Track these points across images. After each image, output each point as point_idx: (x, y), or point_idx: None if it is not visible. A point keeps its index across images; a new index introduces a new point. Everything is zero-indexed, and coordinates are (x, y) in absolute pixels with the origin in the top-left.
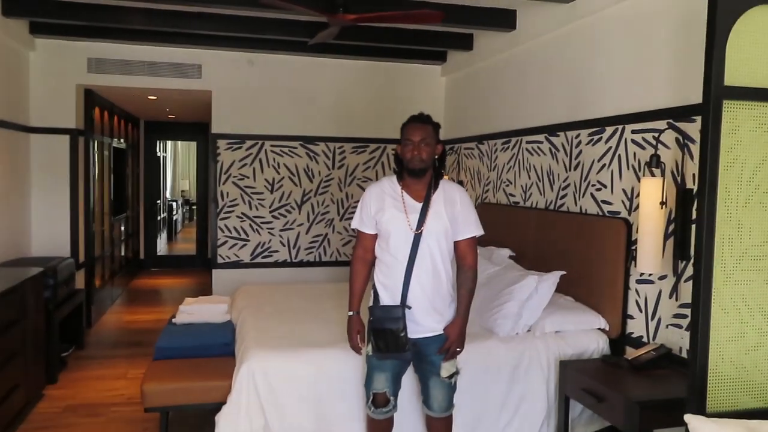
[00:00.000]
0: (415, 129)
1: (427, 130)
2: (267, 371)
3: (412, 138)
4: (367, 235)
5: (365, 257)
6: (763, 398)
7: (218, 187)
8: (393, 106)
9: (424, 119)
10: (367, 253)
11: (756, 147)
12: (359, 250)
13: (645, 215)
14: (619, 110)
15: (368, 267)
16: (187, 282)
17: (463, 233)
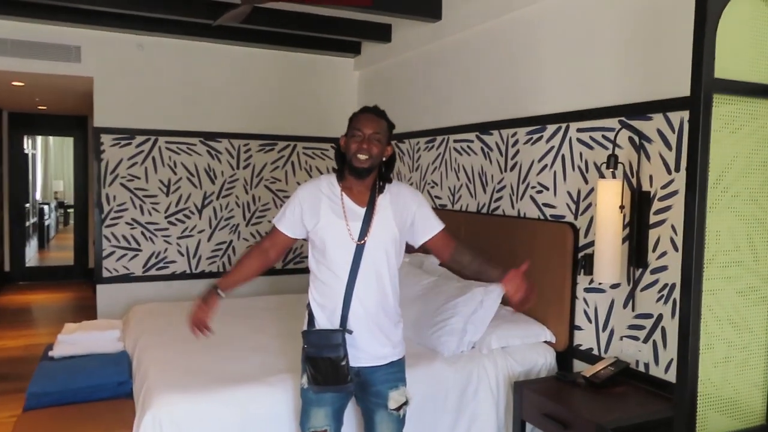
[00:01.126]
0: (367, 120)
1: (381, 125)
2: (178, 419)
3: (362, 129)
4: (282, 234)
5: (268, 252)
6: (734, 415)
7: (103, 189)
8: (303, 101)
9: (380, 112)
10: (272, 249)
11: (723, 147)
12: (266, 241)
13: (603, 220)
14: (562, 107)
15: (262, 264)
16: (64, 298)
17: (429, 230)
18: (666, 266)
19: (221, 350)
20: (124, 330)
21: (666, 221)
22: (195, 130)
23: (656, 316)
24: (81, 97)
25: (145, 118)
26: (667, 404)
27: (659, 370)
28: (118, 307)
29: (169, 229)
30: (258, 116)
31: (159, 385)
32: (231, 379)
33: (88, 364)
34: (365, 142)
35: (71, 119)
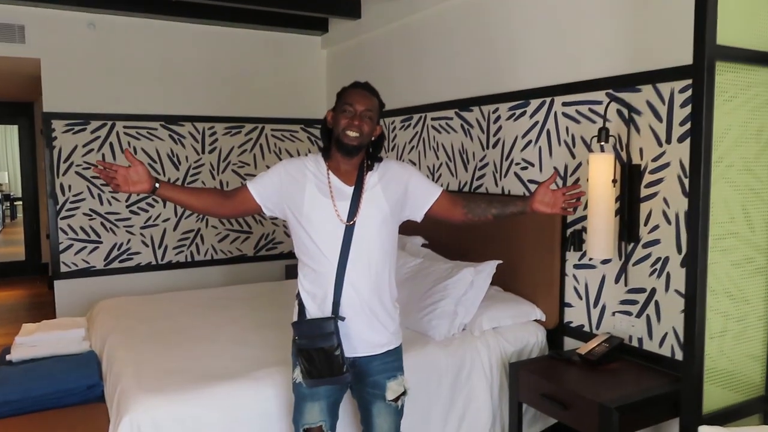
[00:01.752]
0: (359, 96)
1: (374, 102)
2: (158, 422)
3: (354, 105)
4: (248, 194)
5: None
6: (733, 387)
7: (56, 179)
8: (269, 82)
9: (372, 89)
10: (228, 200)
11: (717, 117)
12: (229, 192)
13: (595, 195)
14: (546, 81)
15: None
16: (17, 296)
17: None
18: (658, 240)
19: (199, 345)
20: (90, 328)
21: (658, 194)
22: (155, 113)
23: (649, 290)
24: (26, 81)
25: (99, 102)
26: (664, 378)
27: (653, 344)
28: (79, 304)
29: (132, 218)
30: (222, 98)
31: (134, 387)
32: (213, 377)
33: (52, 368)
34: (356, 118)
35: (14, 106)
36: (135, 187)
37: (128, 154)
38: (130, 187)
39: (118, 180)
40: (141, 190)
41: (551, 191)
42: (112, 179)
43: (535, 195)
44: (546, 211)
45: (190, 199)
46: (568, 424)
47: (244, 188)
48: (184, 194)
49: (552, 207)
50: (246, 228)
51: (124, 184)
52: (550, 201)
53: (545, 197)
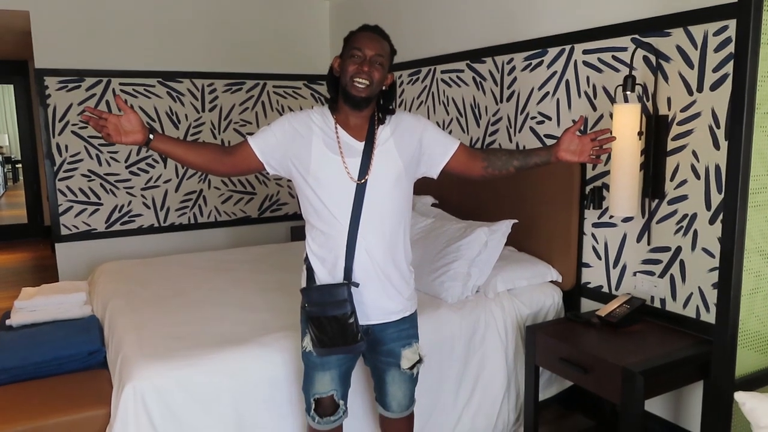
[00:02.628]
0: (369, 39)
1: (385, 47)
2: (162, 390)
3: (363, 49)
4: (249, 151)
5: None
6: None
7: (53, 138)
8: (270, 36)
9: (383, 33)
10: (228, 156)
11: None
12: (230, 148)
13: (619, 149)
14: (565, 27)
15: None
16: (19, 259)
17: (447, 151)
18: (686, 195)
19: (203, 310)
20: (91, 292)
21: (686, 147)
22: (152, 69)
23: (674, 249)
24: (18, 37)
25: (94, 58)
26: (688, 341)
27: (677, 305)
28: (81, 267)
29: (132, 180)
30: (222, 53)
31: (137, 353)
32: (219, 342)
33: (52, 333)
34: (366, 64)
35: (9, 64)
36: (127, 138)
37: (119, 101)
38: (122, 138)
39: (109, 129)
40: (134, 141)
41: (578, 138)
42: (103, 128)
43: (560, 143)
44: (572, 160)
45: (186, 154)
46: (588, 389)
47: (245, 144)
48: (180, 148)
49: (579, 155)
50: (250, 189)
51: (116, 134)
52: (577, 148)
53: (571, 144)
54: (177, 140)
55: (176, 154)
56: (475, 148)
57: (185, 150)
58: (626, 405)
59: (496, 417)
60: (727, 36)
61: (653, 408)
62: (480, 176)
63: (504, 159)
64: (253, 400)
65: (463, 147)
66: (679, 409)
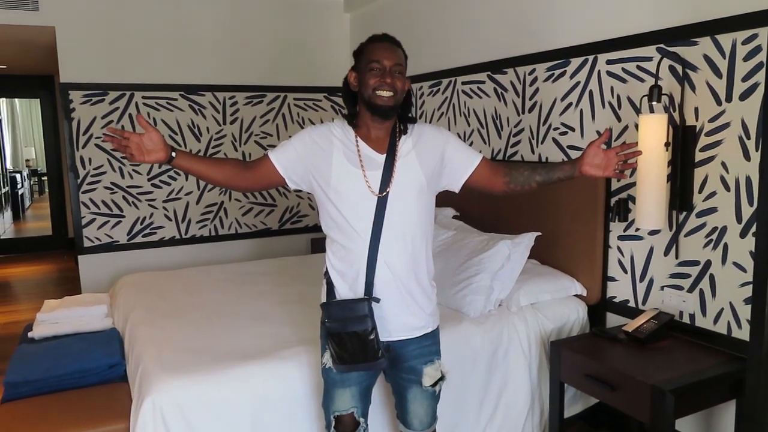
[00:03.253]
0: (385, 50)
1: (400, 55)
2: (182, 404)
3: (382, 61)
4: (270, 165)
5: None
6: None
7: (77, 152)
8: (290, 49)
9: (395, 41)
10: (249, 171)
11: None
12: (250, 163)
13: (645, 160)
14: (589, 37)
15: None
16: (44, 270)
17: (469, 164)
18: (715, 208)
19: (222, 323)
20: (112, 304)
21: (715, 158)
22: (174, 83)
23: (703, 262)
24: (44, 52)
25: (117, 72)
26: (719, 358)
27: (707, 321)
28: (104, 279)
29: (154, 192)
30: (243, 66)
31: (157, 367)
32: (238, 356)
33: (73, 346)
34: (387, 75)
35: (36, 79)
36: (150, 157)
37: (141, 120)
38: (145, 157)
39: (132, 149)
40: (156, 159)
41: (603, 151)
42: (125, 147)
43: (585, 156)
44: (597, 175)
45: (208, 170)
46: (616, 407)
47: (266, 159)
48: (202, 165)
49: (604, 169)
50: (270, 201)
51: (138, 153)
52: (602, 162)
53: (596, 158)
54: (199, 157)
55: (198, 170)
56: (497, 162)
57: (207, 167)
58: (655, 424)
59: None
60: (757, 44)
61: (683, 428)
62: (501, 191)
63: (526, 174)
64: (273, 416)
65: (486, 161)
66: (710, 430)
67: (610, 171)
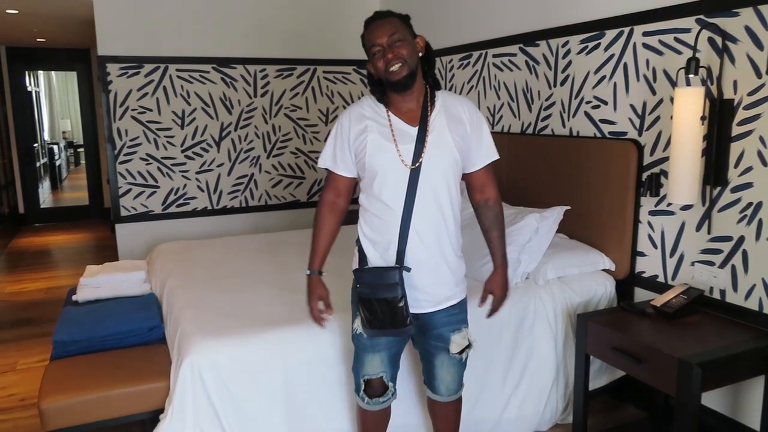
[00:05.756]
0: (377, 29)
1: (393, 23)
2: (218, 365)
3: (378, 41)
4: (342, 179)
5: (336, 204)
6: None
7: (114, 123)
8: (320, 20)
9: (383, 13)
10: (339, 198)
11: None
12: (328, 193)
13: (680, 134)
14: (625, 8)
15: (339, 217)
16: (82, 238)
17: (477, 161)
18: (751, 183)
19: (256, 290)
20: (149, 271)
21: (753, 132)
22: (207, 56)
23: (737, 238)
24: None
25: (152, 45)
26: (749, 334)
27: (738, 297)
28: (140, 247)
29: (187, 163)
30: (273, 39)
31: (195, 331)
32: (272, 321)
33: (115, 309)
34: (389, 51)
35: (73, 52)
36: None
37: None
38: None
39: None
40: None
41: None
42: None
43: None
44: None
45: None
46: (642, 380)
47: (335, 177)
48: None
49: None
50: (299, 173)
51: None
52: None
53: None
54: (319, 245)
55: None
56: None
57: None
58: (682, 398)
59: (544, 405)
60: None
61: (710, 402)
62: (473, 202)
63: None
64: (304, 378)
65: (491, 168)
66: (737, 404)
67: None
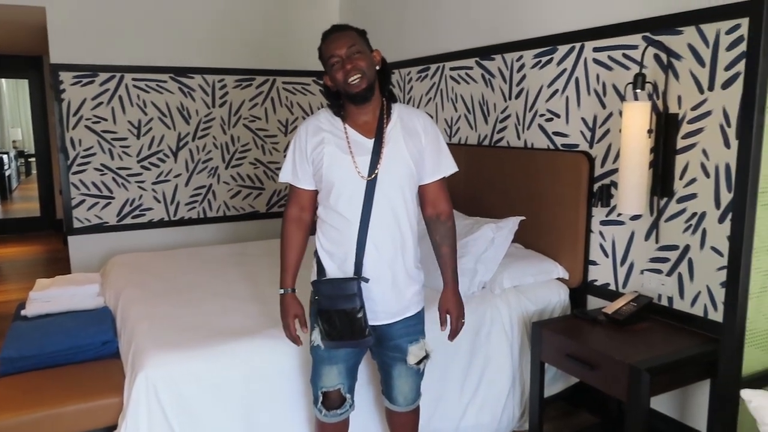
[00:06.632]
0: (336, 40)
1: (351, 35)
2: (174, 379)
3: (337, 53)
4: (305, 192)
5: (301, 218)
6: None
7: (67, 132)
8: (279, 31)
9: (340, 26)
10: (304, 212)
11: None
12: (292, 208)
13: (629, 147)
14: (576, 25)
15: (305, 231)
16: (33, 251)
17: (432, 173)
18: (695, 194)
19: (214, 302)
20: (103, 284)
21: (696, 145)
22: (164, 65)
23: (682, 247)
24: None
25: (107, 53)
26: (695, 339)
27: (684, 303)
28: (94, 259)
29: (143, 174)
30: (232, 49)
31: (150, 344)
32: (230, 333)
33: (66, 323)
34: (347, 62)
35: (24, 59)
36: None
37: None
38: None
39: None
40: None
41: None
42: None
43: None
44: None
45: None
46: (595, 386)
47: (298, 192)
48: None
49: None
50: (258, 184)
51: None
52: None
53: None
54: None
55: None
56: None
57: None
58: (632, 402)
59: (500, 412)
60: (740, 34)
61: (659, 406)
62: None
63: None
64: (262, 391)
65: (445, 181)
66: (685, 408)
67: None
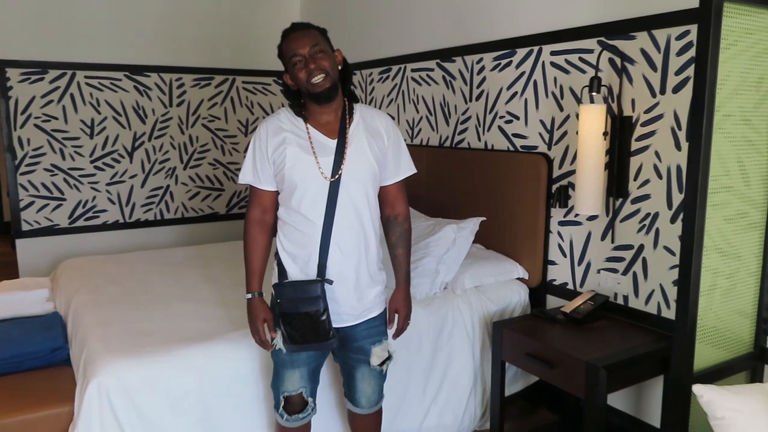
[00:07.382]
0: (298, 39)
1: (314, 34)
2: (128, 386)
3: (299, 51)
4: (266, 193)
5: (264, 220)
6: (720, 345)
7: (14, 132)
8: (239, 30)
9: (303, 25)
10: (266, 213)
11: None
12: (254, 210)
13: (585, 148)
14: (534, 29)
15: (269, 233)
16: None
17: (393, 175)
18: (648, 195)
19: (171, 306)
20: (54, 289)
21: (649, 147)
22: (118, 62)
23: (637, 247)
24: None
25: (58, 50)
26: (650, 336)
27: (639, 302)
28: (44, 263)
29: (97, 174)
30: (188, 47)
31: (102, 350)
32: (186, 338)
33: (13, 330)
34: (311, 62)
35: None
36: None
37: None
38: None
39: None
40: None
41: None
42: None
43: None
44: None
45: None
46: (554, 383)
47: (259, 193)
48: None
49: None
50: (218, 185)
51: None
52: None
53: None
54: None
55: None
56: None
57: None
58: (589, 399)
59: (462, 412)
60: (689, 40)
61: (616, 402)
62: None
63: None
64: (221, 396)
65: (403, 183)
66: (640, 403)
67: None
